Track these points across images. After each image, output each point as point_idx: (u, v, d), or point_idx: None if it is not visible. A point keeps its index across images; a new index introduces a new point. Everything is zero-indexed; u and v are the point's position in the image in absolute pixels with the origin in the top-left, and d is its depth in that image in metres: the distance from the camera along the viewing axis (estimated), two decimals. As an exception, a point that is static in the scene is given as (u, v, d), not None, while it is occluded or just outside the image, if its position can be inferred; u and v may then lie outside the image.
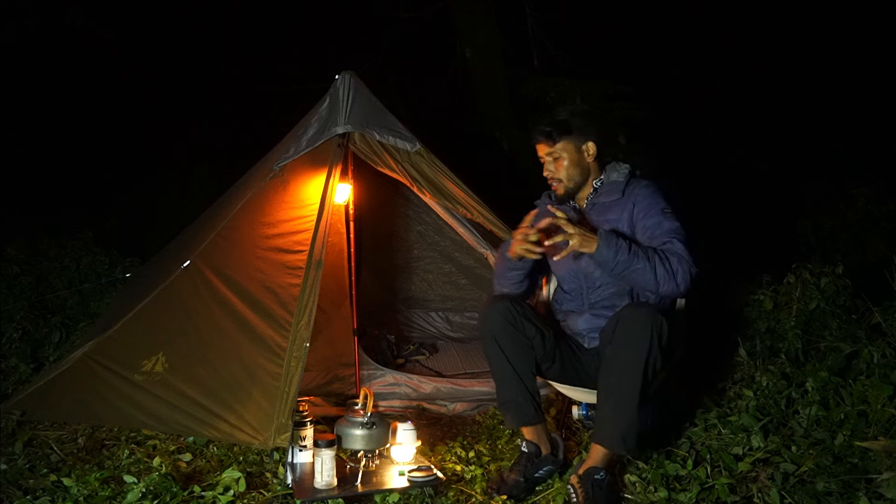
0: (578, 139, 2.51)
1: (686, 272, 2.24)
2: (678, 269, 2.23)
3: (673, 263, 2.24)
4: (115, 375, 2.82)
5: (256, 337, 2.65)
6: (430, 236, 4.39)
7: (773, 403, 2.64)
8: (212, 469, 2.53)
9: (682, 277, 2.23)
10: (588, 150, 2.52)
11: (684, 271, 2.24)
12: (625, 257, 2.23)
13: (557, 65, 6.28)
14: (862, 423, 2.38)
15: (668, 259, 2.24)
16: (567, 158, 2.50)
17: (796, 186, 6.10)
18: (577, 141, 2.51)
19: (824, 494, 2.11)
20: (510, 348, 2.35)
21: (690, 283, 2.26)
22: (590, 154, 2.52)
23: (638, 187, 2.48)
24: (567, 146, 2.50)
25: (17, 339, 3.76)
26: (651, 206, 2.41)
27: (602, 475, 2.18)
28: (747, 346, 3.15)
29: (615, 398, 2.18)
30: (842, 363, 2.76)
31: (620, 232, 2.38)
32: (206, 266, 2.96)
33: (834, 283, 3.18)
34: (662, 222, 2.36)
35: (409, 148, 3.11)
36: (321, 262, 2.67)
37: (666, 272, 2.23)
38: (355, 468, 2.35)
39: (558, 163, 2.51)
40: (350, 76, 3.13)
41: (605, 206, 2.50)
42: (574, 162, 2.50)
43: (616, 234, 2.30)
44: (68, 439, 2.80)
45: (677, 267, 2.23)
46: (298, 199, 2.97)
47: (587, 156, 2.52)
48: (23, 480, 2.43)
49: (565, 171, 2.51)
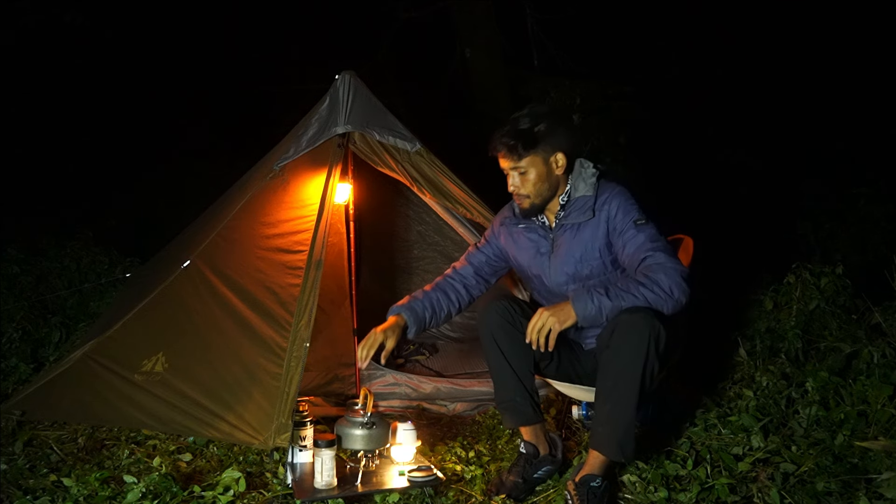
0: (546, 151, 2.32)
1: (678, 283, 2.14)
2: (670, 285, 2.13)
3: (663, 285, 2.13)
4: (115, 375, 2.82)
5: (256, 337, 2.64)
6: (430, 236, 4.39)
7: (773, 403, 2.65)
8: (212, 469, 2.53)
9: (678, 290, 2.14)
10: (557, 162, 2.34)
11: (676, 283, 2.14)
12: (609, 304, 2.12)
13: (557, 65, 6.29)
14: (862, 423, 2.39)
15: (655, 283, 2.13)
16: (535, 173, 2.32)
17: (796, 186, 6.10)
18: (545, 153, 2.32)
19: (824, 494, 2.11)
20: (508, 348, 2.34)
21: (689, 287, 2.17)
22: (559, 166, 2.34)
23: (608, 201, 2.33)
24: (534, 160, 2.31)
25: (18, 339, 3.76)
26: (624, 221, 2.29)
27: (598, 482, 2.16)
28: (747, 346, 3.15)
29: (612, 403, 2.15)
30: (842, 363, 2.76)
31: (590, 277, 2.32)
32: (206, 266, 2.96)
33: (834, 283, 3.18)
34: (637, 235, 2.25)
35: (409, 148, 3.11)
36: (321, 262, 2.67)
37: (659, 297, 2.12)
38: (355, 468, 2.35)
39: (524, 177, 2.33)
40: (350, 76, 3.13)
41: (578, 228, 2.37)
42: (542, 177, 2.33)
43: (585, 288, 2.19)
44: (68, 439, 2.80)
45: (669, 284, 2.13)
46: (298, 199, 2.97)
47: (556, 168, 2.34)
48: (23, 480, 2.43)
49: (533, 186, 2.33)
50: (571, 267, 2.39)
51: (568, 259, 2.39)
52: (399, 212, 4.31)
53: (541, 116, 2.33)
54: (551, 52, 6.32)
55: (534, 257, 2.48)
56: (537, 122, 2.31)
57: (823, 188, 5.73)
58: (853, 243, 4.93)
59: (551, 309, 2.18)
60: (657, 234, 2.27)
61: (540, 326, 2.16)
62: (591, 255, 2.35)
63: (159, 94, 7.86)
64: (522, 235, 2.51)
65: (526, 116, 2.33)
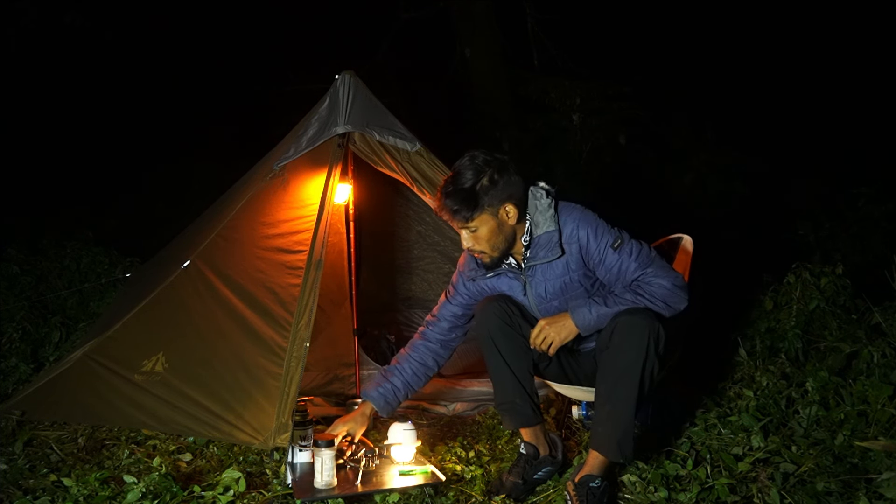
0: (494, 206, 2.20)
1: (675, 293, 2.14)
2: (664, 298, 2.14)
3: (659, 296, 2.14)
4: (115, 375, 2.82)
5: (257, 337, 2.64)
6: (430, 236, 4.39)
7: (773, 403, 2.65)
8: (212, 469, 2.53)
9: (674, 300, 2.15)
10: (508, 214, 2.22)
11: (671, 293, 2.14)
12: (608, 310, 2.15)
13: (557, 65, 6.30)
14: (862, 423, 2.38)
15: (652, 295, 2.14)
16: (486, 229, 2.21)
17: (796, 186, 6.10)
18: (493, 208, 2.20)
19: (824, 494, 2.11)
20: (507, 349, 2.33)
21: (686, 294, 2.17)
22: (510, 216, 2.23)
23: (574, 233, 2.25)
24: (483, 218, 2.20)
25: (18, 339, 3.76)
26: (599, 250, 2.22)
27: (598, 482, 2.17)
28: (747, 346, 3.16)
29: (611, 404, 2.16)
30: (842, 363, 2.76)
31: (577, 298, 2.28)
32: (206, 266, 2.96)
33: (834, 283, 3.18)
34: (619, 259, 2.20)
35: (409, 148, 3.11)
36: (321, 262, 2.66)
37: (655, 306, 2.14)
38: (355, 468, 2.35)
39: (476, 235, 2.23)
40: (350, 76, 3.12)
41: (548, 267, 2.29)
42: (495, 231, 2.23)
43: (583, 300, 2.22)
44: (68, 439, 2.80)
45: (663, 297, 2.14)
46: (298, 199, 2.97)
47: (508, 219, 2.23)
48: (23, 480, 2.43)
49: (487, 242, 2.24)
50: (556, 300, 2.34)
51: (548, 294, 2.34)
52: (399, 212, 4.30)
53: (481, 169, 2.19)
54: (551, 52, 6.33)
55: (518, 291, 2.40)
56: (478, 178, 2.18)
57: (823, 188, 5.73)
58: (853, 243, 4.93)
59: (551, 322, 2.21)
60: (637, 249, 2.22)
61: (541, 341, 2.21)
62: (571, 286, 2.31)
63: (159, 94, 7.86)
64: (493, 283, 2.42)
65: (465, 173, 2.19)
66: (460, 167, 2.23)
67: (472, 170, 2.20)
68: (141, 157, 7.48)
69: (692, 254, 2.70)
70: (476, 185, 2.18)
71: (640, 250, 2.22)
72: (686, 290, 2.20)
